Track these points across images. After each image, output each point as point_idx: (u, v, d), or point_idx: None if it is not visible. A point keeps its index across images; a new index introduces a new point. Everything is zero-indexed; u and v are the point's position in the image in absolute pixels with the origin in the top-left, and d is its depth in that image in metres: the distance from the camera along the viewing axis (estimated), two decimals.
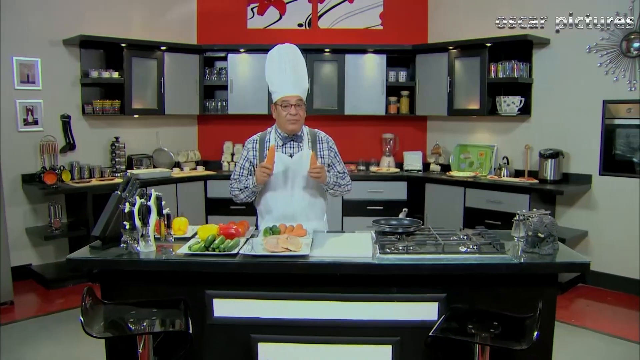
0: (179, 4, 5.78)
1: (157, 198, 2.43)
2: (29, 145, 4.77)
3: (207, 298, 2.30)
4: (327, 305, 2.30)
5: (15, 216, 4.66)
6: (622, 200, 4.51)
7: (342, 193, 2.86)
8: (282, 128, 2.73)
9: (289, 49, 2.79)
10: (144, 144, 5.56)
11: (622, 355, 3.43)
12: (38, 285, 4.71)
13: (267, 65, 2.77)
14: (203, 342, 2.34)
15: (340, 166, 2.85)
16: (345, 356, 2.34)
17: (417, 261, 2.24)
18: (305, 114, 2.76)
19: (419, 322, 2.25)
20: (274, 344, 2.34)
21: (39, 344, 3.57)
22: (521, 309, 2.15)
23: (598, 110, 4.58)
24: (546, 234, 2.30)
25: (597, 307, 4.32)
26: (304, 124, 2.79)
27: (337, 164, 2.83)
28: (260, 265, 2.23)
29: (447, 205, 5.09)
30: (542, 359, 2.29)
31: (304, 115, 2.75)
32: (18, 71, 4.67)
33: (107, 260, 2.31)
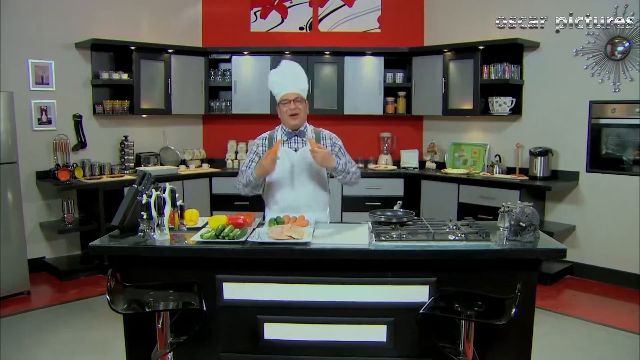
0: (185, 9, 5.96)
1: (171, 191, 2.64)
2: (43, 144, 4.97)
3: (218, 282, 2.49)
4: (327, 289, 2.48)
5: (29, 211, 4.86)
6: (608, 196, 4.71)
7: (352, 180, 2.98)
8: (285, 124, 2.92)
9: (290, 63, 3.00)
10: (152, 143, 5.75)
11: (605, 341, 3.64)
12: (52, 277, 4.92)
13: (270, 76, 2.96)
14: (213, 323, 2.52)
15: (347, 158, 2.99)
16: (344, 335, 2.52)
17: (409, 248, 2.43)
18: (306, 110, 2.93)
19: (412, 304, 2.42)
20: (278, 324, 2.53)
21: (56, 330, 3.78)
22: (504, 291, 2.33)
23: (585, 111, 4.77)
24: (527, 223, 2.50)
25: (583, 297, 4.52)
26: (308, 123, 2.97)
27: (342, 157, 2.97)
28: (266, 252, 2.42)
29: (442, 200, 5.29)
30: (523, 336, 2.49)
31: (305, 111, 2.91)
32: (33, 73, 4.88)
33: (126, 247, 2.49)
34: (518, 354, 2.51)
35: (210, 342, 2.55)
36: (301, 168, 2.92)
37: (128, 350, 2.57)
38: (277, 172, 2.90)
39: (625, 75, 4.52)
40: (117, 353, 3.12)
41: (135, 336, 2.55)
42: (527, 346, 2.51)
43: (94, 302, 4.32)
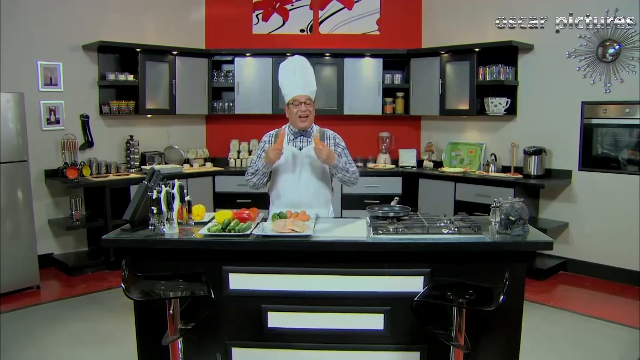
0: (189, 12, 6.08)
1: (180, 187, 2.79)
2: (51, 143, 5.11)
3: (224, 273, 2.62)
4: (327, 279, 2.61)
5: (38, 208, 4.99)
6: (600, 193, 4.84)
7: (351, 180, 3.10)
8: (294, 125, 3.04)
9: (299, 58, 3.07)
10: (156, 142, 5.87)
11: (595, 332, 3.77)
12: (60, 272, 5.06)
13: (280, 73, 3.06)
14: (220, 312, 2.65)
15: (347, 158, 3.12)
16: (343, 323, 2.65)
17: (405, 240, 2.54)
18: (314, 113, 3.06)
19: (407, 293, 2.52)
20: (281, 312, 2.66)
21: (66, 322, 3.92)
22: (494, 282, 2.46)
23: (577, 111, 4.90)
24: (517, 217, 2.63)
25: (575, 292, 4.65)
26: (314, 123, 3.10)
27: (344, 156, 3.10)
28: (270, 244, 2.54)
29: (439, 198, 5.41)
30: (513, 324, 2.62)
31: (313, 115, 3.04)
32: (42, 74, 5.02)
33: (137, 240, 2.61)
34: (508, 341, 2.64)
35: (216, 330, 2.68)
36: (305, 166, 3.05)
37: (139, 338, 2.70)
38: (282, 170, 3.04)
39: (615, 77, 4.65)
40: (127, 343, 3.27)
41: (146, 325, 2.67)
42: (516, 334, 2.64)
43: (101, 296, 4.46)
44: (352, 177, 3.10)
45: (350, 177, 3.09)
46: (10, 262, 4.40)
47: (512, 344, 2.65)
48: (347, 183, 3.15)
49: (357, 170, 3.16)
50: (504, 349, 2.65)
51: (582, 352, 3.46)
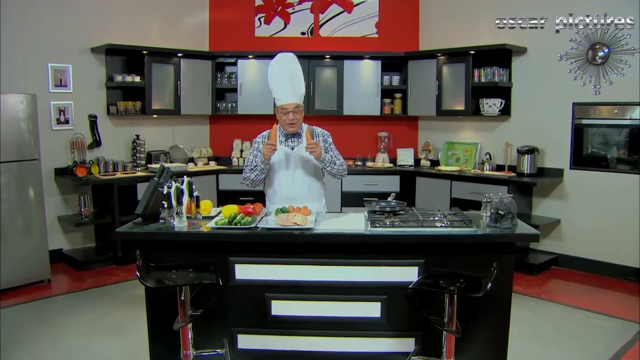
0: (193, 15, 6.22)
1: (188, 183, 2.96)
2: (61, 142, 5.27)
3: (230, 264, 2.78)
4: (327, 269, 2.77)
5: (48, 206, 5.11)
6: (590, 191, 5.00)
7: (340, 173, 3.24)
8: (283, 128, 3.22)
9: (287, 58, 3.19)
10: (162, 141, 6.02)
11: (584, 323, 3.93)
12: (69, 267, 5.21)
13: (270, 73, 3.19)
14: (226, 300, 2.81)
15: (334, 152, 3.26)
16: (343, 311, 2.81)
17: (401, 233, 2.70)
18: (303, 116, 3.21)
19: (403, 283, 2.66)
20: (284, 301, 2.82)
21: (78, 312, 4.08)
22: (484, 272, 2.60)
23: (568, 112, 5.06)
24: (506, 211, 2.79)
25: (566, 285, 4.82)
26: (303, 122, 3.25)
27: (330, 151, 3.25)
28: (274, 237, 2.70)
29: (436, 196, 5.55)
30: (502, 312, 2.79)
31: (302, 118, 3.20)
32: (52, 76, 5.17)
33: (149, 232, 2.77)
34: (497, 327, 2.80)
35: (223, 318, 2.84)
36: (298, 163, 3.23)
37: (150, 325, 2.86)
38: (278, 169, 3.22)
39: (605, 79, 4.81)
40: (137, 331, 3.44)
41: (156, 312, 2.84)
42: (505, 321, 2.80)
43: (110, 289, 4.62)
44: (339, 169, 3.24)
45: (338, 169, 3.23)
46: (23, 257, 4.56)
47: (501, 330, 2.80)
48: (337, 176, 3.29)
49: (344, 162, 3.29)
50: (493, 335, 2.81)
51: (570, 340, 3.62)
